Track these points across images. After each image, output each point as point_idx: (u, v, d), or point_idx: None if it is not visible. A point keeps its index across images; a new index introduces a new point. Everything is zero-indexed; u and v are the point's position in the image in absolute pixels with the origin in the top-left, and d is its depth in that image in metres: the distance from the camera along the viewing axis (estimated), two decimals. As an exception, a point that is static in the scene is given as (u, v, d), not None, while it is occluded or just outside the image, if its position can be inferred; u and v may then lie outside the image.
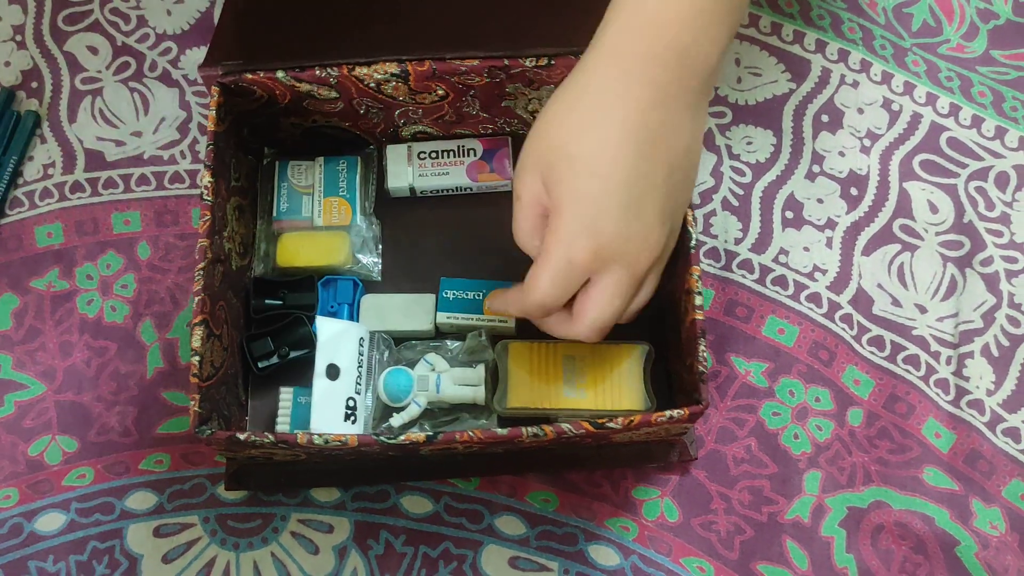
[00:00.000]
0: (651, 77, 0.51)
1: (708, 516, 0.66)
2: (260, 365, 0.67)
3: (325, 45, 0.63)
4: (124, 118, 0.77)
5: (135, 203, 0.75)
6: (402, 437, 0.54)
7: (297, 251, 0.69)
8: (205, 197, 0.60)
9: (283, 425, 0.65)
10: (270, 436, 0.54)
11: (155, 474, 0.68)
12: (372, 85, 0.64)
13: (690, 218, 0.58)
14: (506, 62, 0.62)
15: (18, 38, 0.80)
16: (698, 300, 0.56)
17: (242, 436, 0.54)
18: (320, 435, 0.54)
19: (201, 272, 0.59)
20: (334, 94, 0.65)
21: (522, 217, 0.55)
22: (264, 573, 0.65)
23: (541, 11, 0.64)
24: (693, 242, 0.58)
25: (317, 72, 0.62)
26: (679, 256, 0.59)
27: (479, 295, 0.67)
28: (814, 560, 0.65)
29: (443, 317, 0.67)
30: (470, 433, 0.54)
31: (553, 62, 0.62)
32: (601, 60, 0.52)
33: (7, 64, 0.79)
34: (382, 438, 0.54)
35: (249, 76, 0.62)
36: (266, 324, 0.68)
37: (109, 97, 0.78)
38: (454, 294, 0.67)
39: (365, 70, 0.62)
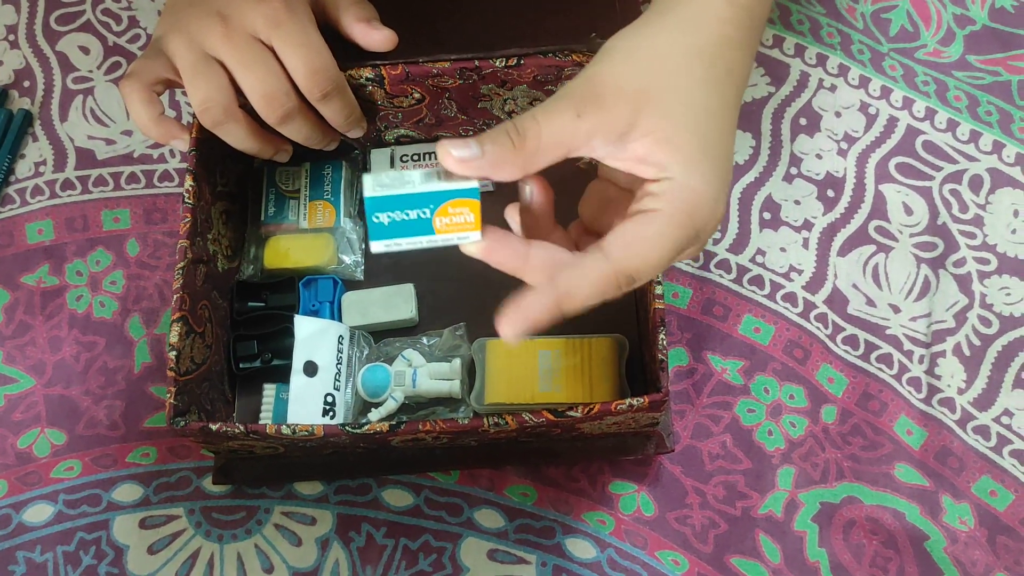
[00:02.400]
0: (717, 26, 0.47)
1: (683, 510, 0.67)
2: (241, 366, 0.68)
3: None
4: (115, 117, 0.79)
5: (125, 201, 0.76)
6: (367, 427, 0.55)
7: (284, 253, 0.70)
8: (187, 200, 0.62)
9: (266, 420, 0.66)
10: (240, 427, 0.56)
11: (141, 467, 0.69)
12: (350, 90, 0.65)
13: None
14: (476, 63, 0.63)
15: (11, 37, 0.81)
16: (659, 290, 0.58)
17: (214, 427, 0.56)
18: (288, 426, 0.56)
19: (181, 271, 0.60)
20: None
21: (563, 129, 0.44)
22: (248, 564, 0.67)
23: (512, 12, 0.65)
24: None
25: None
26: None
27: (425, 213, 0.48)
28: (787, 554, 0.66)
29: (381, 246, 0.49)
30: (432, 422, 0.55)
31: (523, 62, 0.63)
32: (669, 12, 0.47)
33: (0, 63, 0.81)
34: (348, 427, 0.56)
35: None
36: (255, 326, 0.69)
37: (100, 96, 0.79)
38: (389, 217, 0.48)
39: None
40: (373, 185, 0.46)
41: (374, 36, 0.63)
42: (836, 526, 0.66)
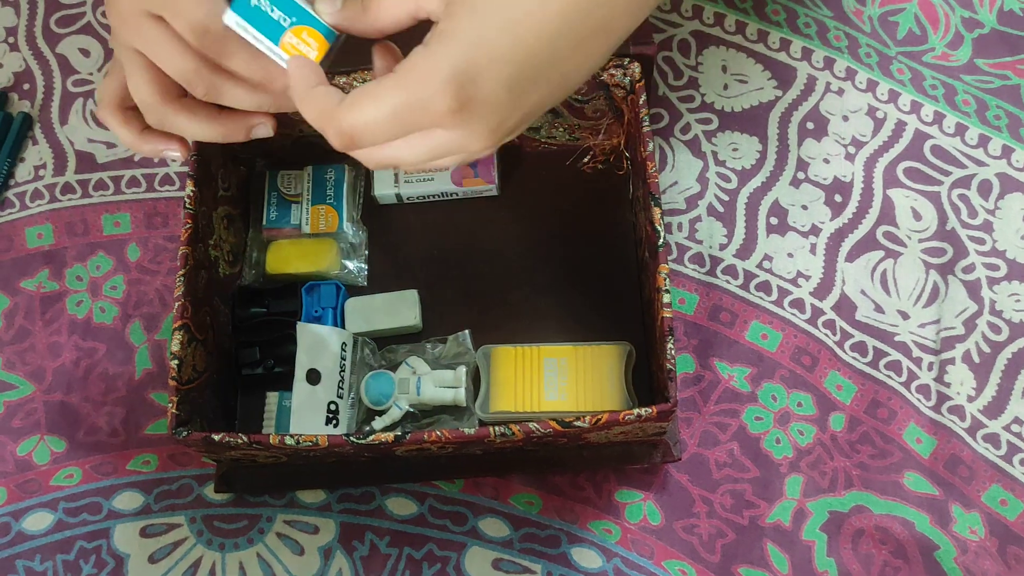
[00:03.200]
0: None
1: (690, 519, 0.66)
2: (244, 372, 0.67)
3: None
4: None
5: (125, 205, 0.76)
6: (371, 437, 0.55)
7: (286, 258, 0.70)
8: (188, 206, 0.62)
9: (268, 428, 0.66)
10: (243, 437, 0.55)
11: (142, 474, 0.69)
12: (353, 93, 0.65)
13: (657, 216, 0.59)
14: None
15: (11, 40, 0.81)
16: (666, 298, 0.57)
17: (217, 437, 0.55)
18: (292, 436, 0.55)
19: (182, 278, 0.60)
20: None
21: None
22: (250, 573, 0.66)
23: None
24: (661, 241, 0.58)
25: None
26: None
27: (284, 21, 0.50)
28: (795, 564, 0.65)
29: (232, 20, 0.50)
30: (438, 432, 0.55)
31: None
32: None
33: (0, 66, 0.80)
34: (352, 438, 0.55)
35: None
36: (257, 332, 0.69)
37: (100, 100, 0.78)
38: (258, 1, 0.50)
39: (344, 79, 0.63)
40: None
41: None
42: (845, 535, 0.66)
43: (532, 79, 0.45)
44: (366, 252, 0.71)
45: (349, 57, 0.63)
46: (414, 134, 0.45)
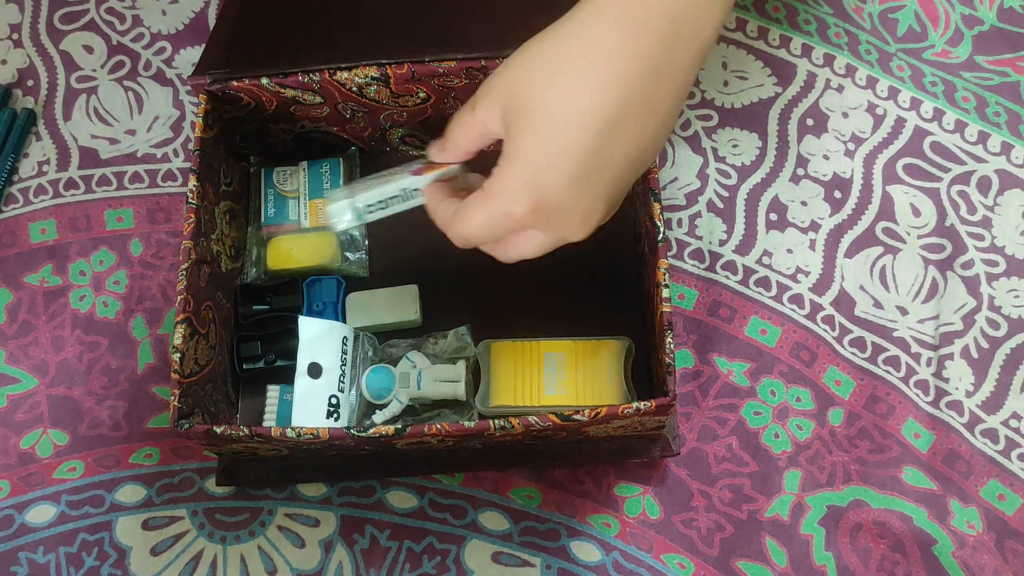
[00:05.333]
0: (643, 48, 0.49)
1: (689, 513, 0.67)
2: (245, 367, 0.68)
3: (311, 52, 0.65)
4: (118, 116, 0.78)
5: (128, 200, 0.76)
6: (372, 430, 0.55)
7: (286, 254, 0.70)
8: (190, 200, 0.62)
9: (269, 422, 0.66)
10: (245, 430, 0.56)
11: (145, 468, 0.69)
12: (355, 89, 0.65)
13: (657, 212, 0.59)
14: (483, 63, 0.63)
15: (15, 36, 0.81)
16: (665, 293, 0.58)
17: (219, 429, 0.56)
18: (293, 429, 0.55)
19: (184, 272, 0.60)
20: (319, 99, 0.66)
21: (465, 125, 0.54)
22: (251, 566, 0.66)
23: (520, 13, 0.65)
24: (661, 236, 0.59)
25: (300, 78, 0.63)
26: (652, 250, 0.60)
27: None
28: (793, 558, 0.66)
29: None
30: (438, 426, 0.55)
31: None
32: (595, 17, 0.50)
33: (4, 62, 0.80)
34: (353, 431, 0.55)
35: (235, 83, 0.64)
36: (258, 326, 0.69)
37: (104, 95, 0.79)
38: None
39: (346, 74, 0.64)
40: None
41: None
42: (843, 530, 0.66)
43: (596, 167, 0.50)
44: (367, 243, 0.72)
45: (348, 54, 0.64)
46: (525, 232, 0.54)
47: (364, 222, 0.60)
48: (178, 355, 0.59)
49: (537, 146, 0.50)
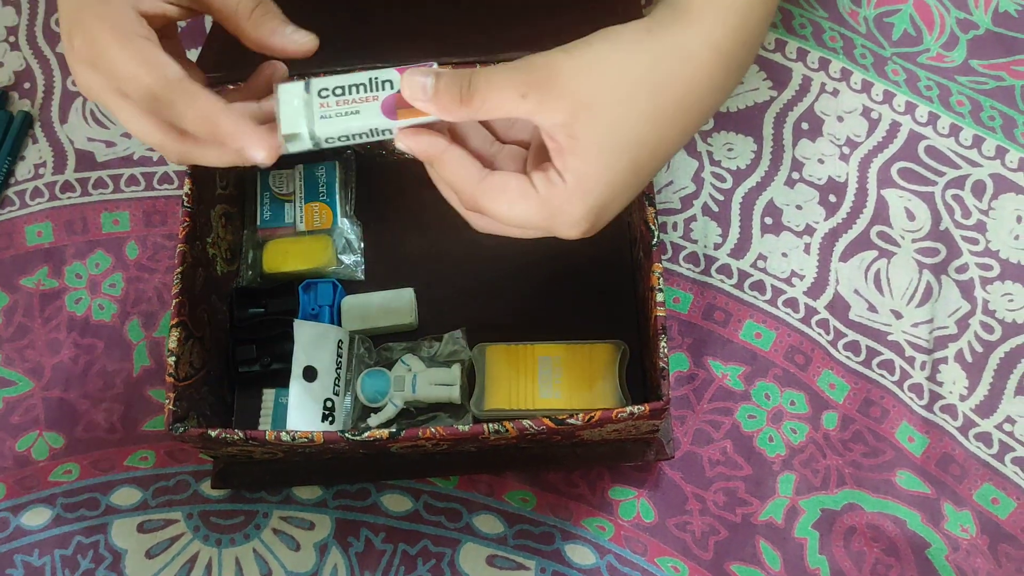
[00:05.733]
0: (720, 82, 0.49)
1: (683, 517, 0.67)
2: (240, 370, 0.68)
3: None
4: (115, 119, 0.78)
5: (124, 203, 0.76)
6: (367, 434, 0.55)
7: (282, 257, 0.70)
8: (186, 204, 0.62)
9: (265, 425, 0.66)
10: (240, 433, 0.56)
11: (140, 470, 0.69)
12: (351, 91, 0.65)
13: (651, 216, 0.59)
14: (478, 66, 0.63)
15: (11, 39, 0.81)
16: (659, 297, 0.58)
17: (213, 433, 0.56)
18: (288, 432, 0.55)
19: (179, 276, 0.60)
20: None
21: (502, 108, 0.48)
22: (246, 569, 0.67)
23: (518, 17, 0.65)
24: (655, 240, 0.59)
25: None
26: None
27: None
28: (787, 561, 0.66)
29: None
30: (432, 429, 0.55)
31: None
32: (699, 47, 0.48)
33: (0, 65, 0.80)
34: (348, 435, 0.55)
35: (230, 87, 0.64)
36: (254, 330, 0.69)
37: (100, 98, 0.79)
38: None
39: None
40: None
41: (295, 40, 0.54)
42: (837, 533, 0.66)
43: (608, 199, 0.49)
44: (362, 246, 0.72)
45: (343, 57, 0.64)
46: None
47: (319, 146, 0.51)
48: (173, 358, 0.59)
49: (614, 179, 0.48)
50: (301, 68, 0.57)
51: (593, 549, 0.66)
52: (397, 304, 0.69)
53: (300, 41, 0.54)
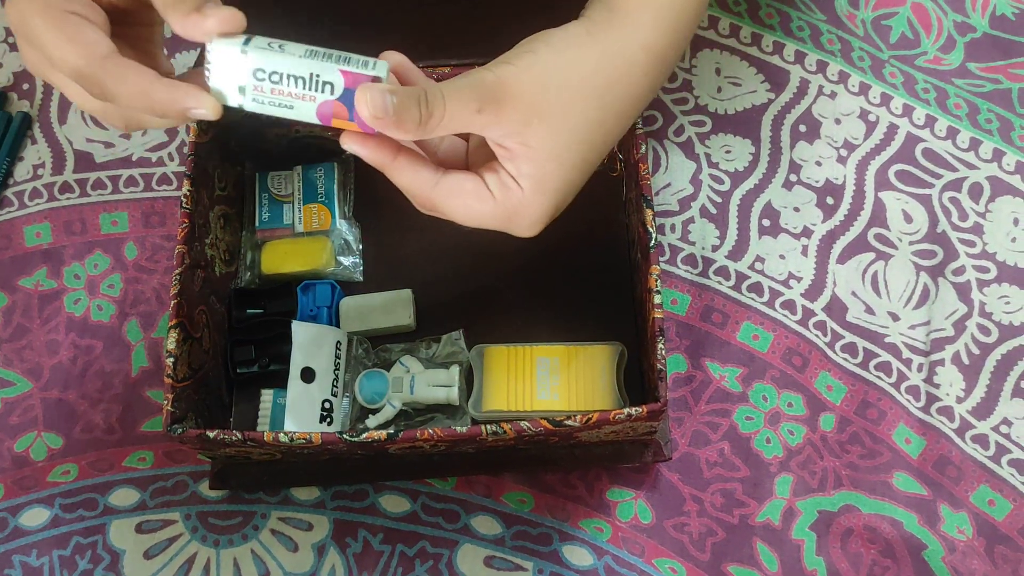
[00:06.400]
0: (654, 80, 0.52)
1: (681, 518, 0.67)
2: (239, 371, 0.68)
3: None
4: (113, 120, 0.78)
5: (123, 204, 0.76)
6: (365, 435, 0.55)
7: (280, 258, 0.70)
8: (184, 205, 0.62)
9: (263, 426, 0.66)
10: (238, 434, 0.56)
11: (138, 471, 0.69)
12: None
13: (649, 218, 0.60)
14: (476, 67, 0.63)
15: (11, 40, 0.81)
16: (657, 299, 0.58)
17: (211, 434, 0.56)
18: (286, 433, 0.55)
19: (178, 277, 0.60)
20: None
21: (457, 122, 0.48)
22: (244, 570, 0.67)
23: (515, 17, 0.65)
24: (653, 242, 0.59)
25: None
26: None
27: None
28: (784, 562, 0.66)
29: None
30: (430, 431, 0.55)
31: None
32: (630, 54, 0.51)
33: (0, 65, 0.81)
34: (346, 436, 0.55)
35: None
36: (253, 331, 0.69)
37: (99, 99, 0.79)
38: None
39: None
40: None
41: (203, 25, 0.48)
42: (834, 535, 0.66)
43: (564, 197, 0.52)
44: (360, 248, 0.72)
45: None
46: None
47: (245, 108, 0.48)
48: (171, 359, 0.59)
49: (571, 180, 0.51)
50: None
51: (591, 550, 0.66)
52: (395, 305, 0.69)
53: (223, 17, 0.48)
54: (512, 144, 0.49)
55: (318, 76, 0.47)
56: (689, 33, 0.54)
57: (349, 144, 0.50)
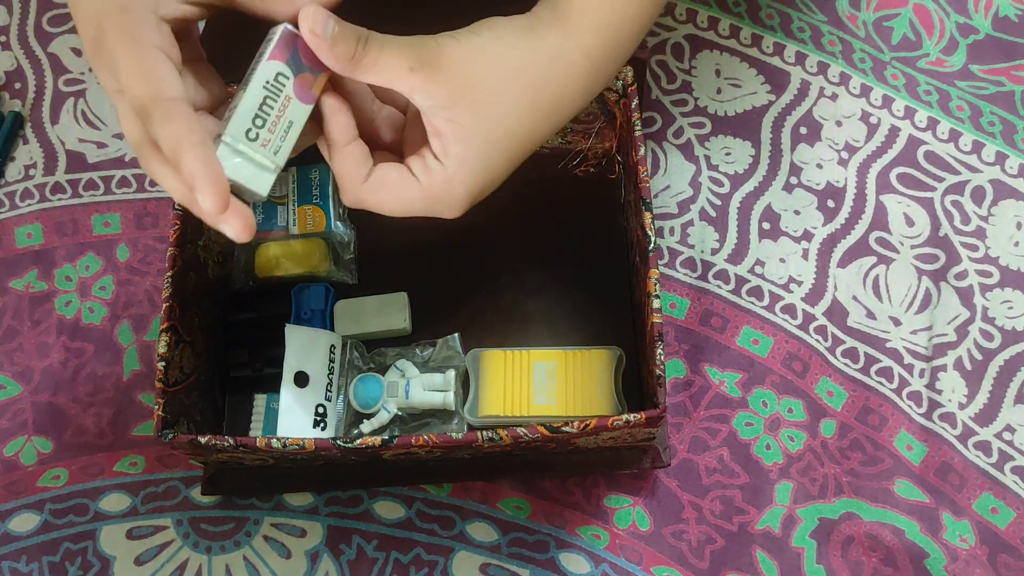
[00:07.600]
0: (589, 85, 0.52)
1: (679, 525, 0.66)
2: (232, 374, 0.67)
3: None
4: (106, 120, 0.78)
5: (115, 205, 0.75)
6: (359, 440, 0.54)
7: (274, 260, 0.69)
8: (177, 207, 0.61)
9: (256, 430, 0.65)
10: (230, 440, 0.55)
11: (129, 476, 0.68)
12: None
13: (648, 222, 0.59)
14: None
15: (2, 39, 0.81)
16: (656, 304, 0.57)
17: (203, 440, 0.55)
18: (278, 439, 0.55)
19: (170, 279, 0.59)
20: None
21: (384, 75, 0.48)
22: (236, 576, 0.66)
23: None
24: (652, 245, 0.58)
25: None
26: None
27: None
28: (784, 570, 0.65)
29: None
30: (425, 437, 0.54)
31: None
32: (568, 47, 0.51)
33: (-9, 65, 0.80)
34: (339, 442, 0.55)
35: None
36: (246, 334, 0.69)
37: (92, 99, 0.78)
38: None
39: None
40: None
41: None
42: (834, 542, 0.65)
43: (487, 184, 0.52)
44: (356, 250, 0.71)
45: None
46: None
47: (279, 165, 0.49)
48: (163, 363, 0.58)
49: (493, 165, 0.50)
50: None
51: (588, 558, 0.65)
52: (390, 308, 0.68)
53: None
54: (439, 121, 0.49)
55: (268, 82, 0.48)
56: (630, 45, 0.53)
57: (325, 111, 0.50)
